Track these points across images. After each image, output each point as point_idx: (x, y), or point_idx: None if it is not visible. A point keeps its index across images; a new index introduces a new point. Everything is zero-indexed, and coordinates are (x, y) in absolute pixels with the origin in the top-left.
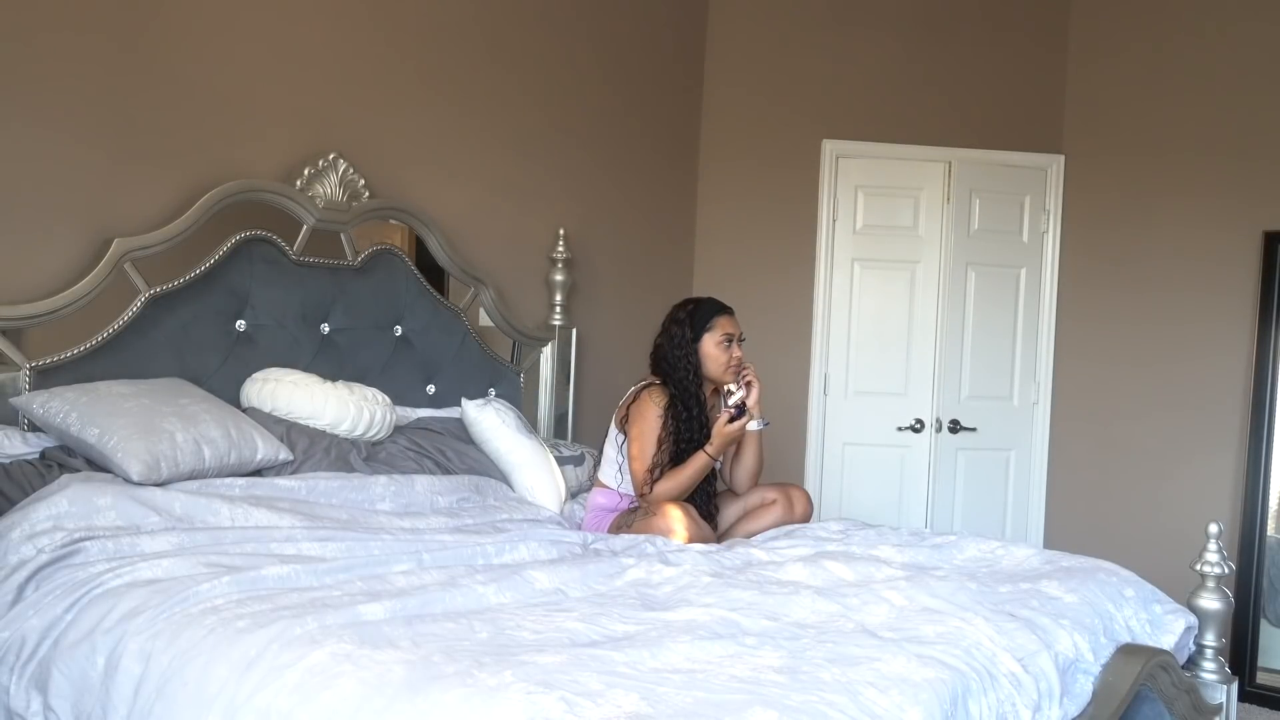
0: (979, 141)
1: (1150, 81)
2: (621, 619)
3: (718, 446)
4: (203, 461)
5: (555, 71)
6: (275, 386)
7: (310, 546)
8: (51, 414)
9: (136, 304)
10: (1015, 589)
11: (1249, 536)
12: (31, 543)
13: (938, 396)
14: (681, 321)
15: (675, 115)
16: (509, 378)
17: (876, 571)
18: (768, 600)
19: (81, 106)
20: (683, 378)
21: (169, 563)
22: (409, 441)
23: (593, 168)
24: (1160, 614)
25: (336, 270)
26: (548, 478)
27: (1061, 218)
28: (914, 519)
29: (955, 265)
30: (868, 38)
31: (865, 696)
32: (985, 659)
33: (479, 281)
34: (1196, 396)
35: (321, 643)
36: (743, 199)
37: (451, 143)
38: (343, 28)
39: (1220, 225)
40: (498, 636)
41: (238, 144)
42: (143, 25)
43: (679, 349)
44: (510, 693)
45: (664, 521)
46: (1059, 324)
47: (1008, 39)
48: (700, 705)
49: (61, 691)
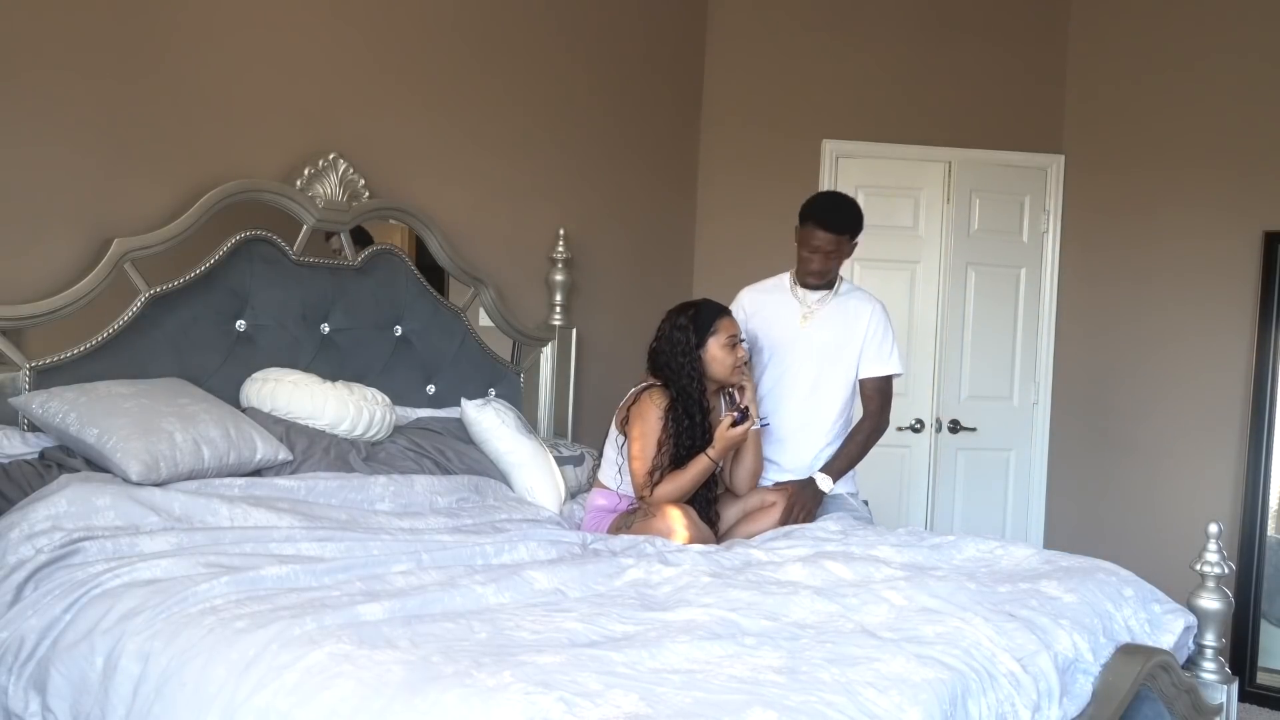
0: (979, 141)
1: (1150, 82)
2: (620, 619)
3: (719, 450)
4: (202, 461)
5: (556, 72)
6: (275, 386)
7: (309, 547)
8: (51, 414)
9: (136, 304)
10: (1014, 589)
11: (1249, 536)
12: (30, 543)
13: (938, 396)
14: (683, 327)
15: (675, 115)
16: (509, 378)
17: (876, 571)
18: (767, 600)
19: (82, 107)
20: (686, 384)
21: (168, 563)
22: (408, 441)
23: (593, 168)
24: (1159, 614)
25: (336, 270)
26: (547, 478)
27: (1061, 218)
28: (914, 519)
29: (955, 265)
30: (868, 38)
31: (864, 696)
32: (984, 659)
33: (479, 281)
34: (1196, 396)
35: (320, 643)
36: (743, 199)
37: (452, 143)
38: (343, 28)
39: (1220, 225)
40: (496, 637)
41: (238, 144)
42: (143, 26)
43: (683, 355)
44: (509, 693)
45: (664, 523)
46: (1059, 324)
47: (1008, 39)
48: (699, 705)
49: (60, 692)
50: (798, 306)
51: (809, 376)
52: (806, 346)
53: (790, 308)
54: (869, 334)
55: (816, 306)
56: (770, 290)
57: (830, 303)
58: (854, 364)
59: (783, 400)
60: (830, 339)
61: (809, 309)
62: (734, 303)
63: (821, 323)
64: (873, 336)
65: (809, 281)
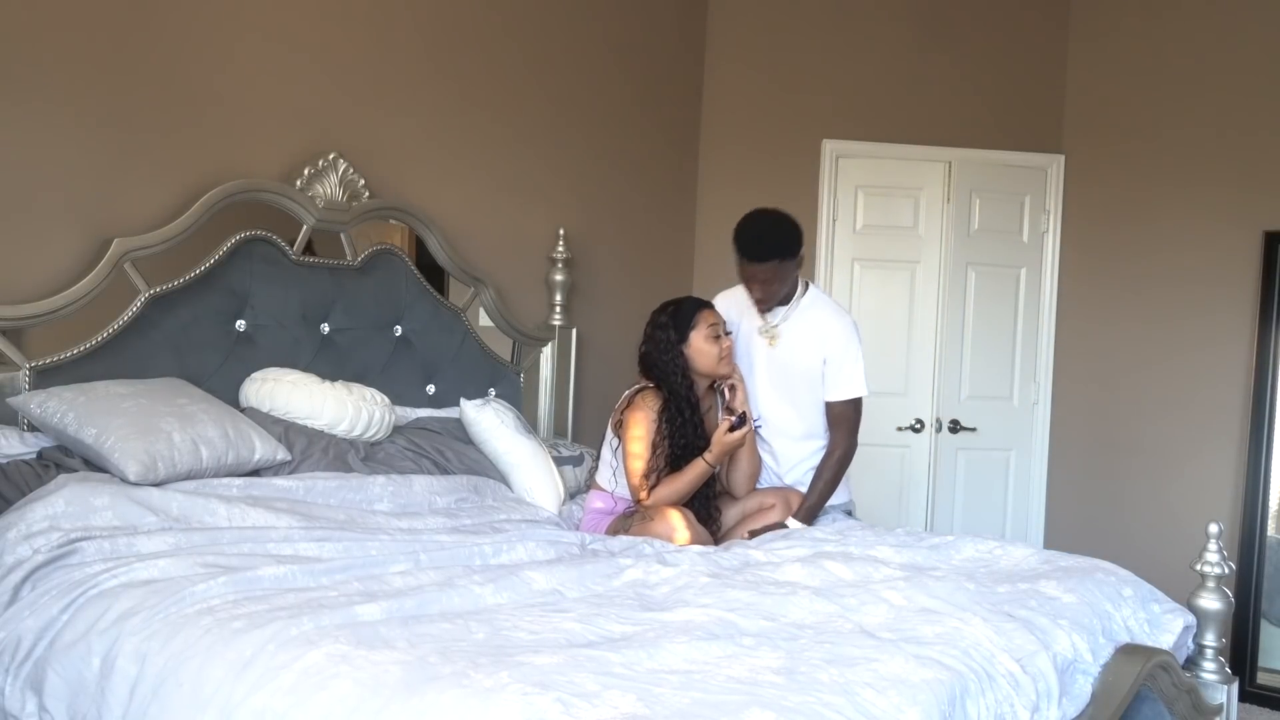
0: (979, 141)
1: (1150, 81)
2: (619, 620)
3: (716, 455)
4: (200, 461)
5: (556, 72)
6: (274, 386)
7: (307, 547)
8: (49, 414)
9: (136, 304)
10: (1013, 589)
11: (1249, 536)
12: (28, 543)
13: (938, 396)
14: (664, 325)
15: (675, 116)
16: (509, 378)
17: (874, 572)
18: (765, 601)
19: (82, 106)
20: (674, 382)
21: (165, 563)
22: (407, 441)
23: (593, 168)
24: (1159, 613)
25: (336, 270)
26: (546, 478)
27: (1061, 218)
28: (914, 519)
29: (955, 265)
30: (868, 37)
31: (863, 697)
32: (983, 659)
33: (479, 281)
34: (1196, 396)
35: (317, 643)
36: (743, 199)
37: (451, 142)
38: (343, 28)
39: (1220, 225)
40: (494, 637)
41: (238, 144)
42: (143, 25)
43: (666, 353)
44: (506, 694)
45: (663, 525)
46: (1059, 324)
47: (1008, 39)
48: (697, 706)
49: (57, 692)
50: (756, 322)
51: (769, 397)
52: (764, 367)
53: (751, 324)
54: (831, 355)
55: (779, 327)
56: (737, 301)
57: (792, 318)
58: (817, 384)
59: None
60: (796, 358)
61: (770, 331)
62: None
63: (786, 343)
64: (835, 358)
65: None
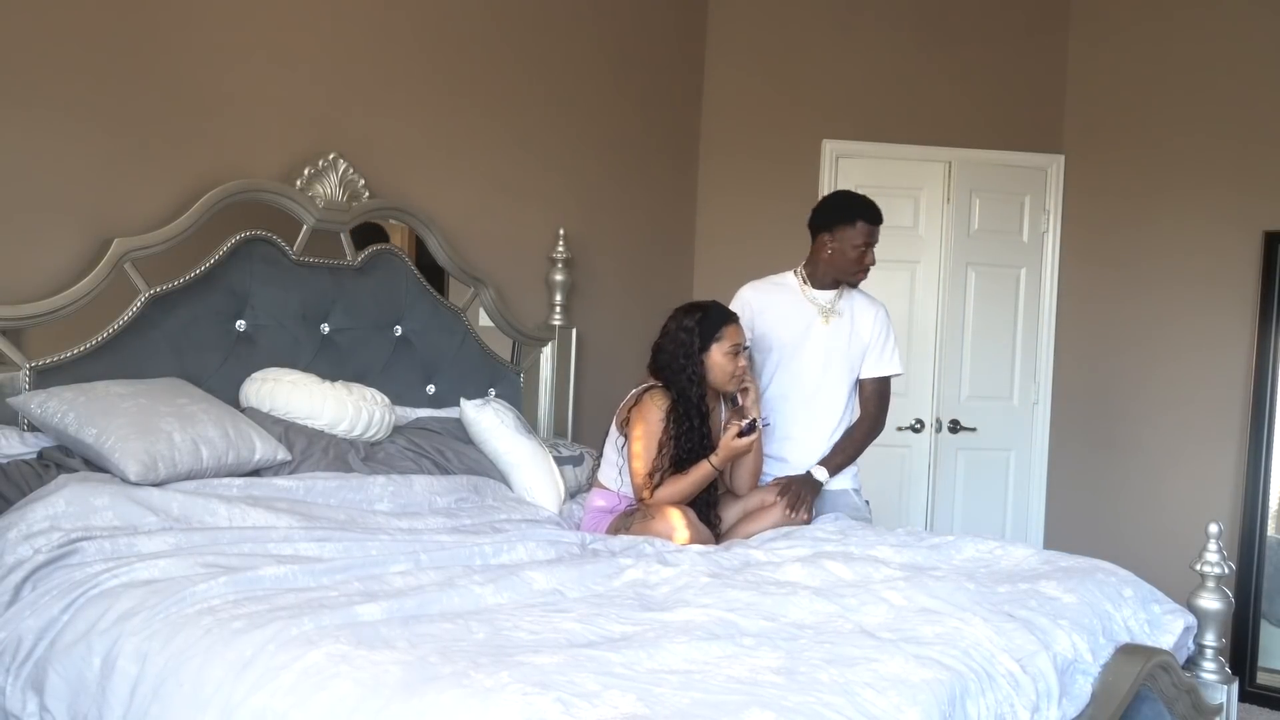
0: (979, 141)
1: (1150, 81)
2: (619, 619)
3: (722, 459)
4: (200, 461)
5: (556, 72)
6: (274, 386)
7: (307, 547)
8: (49, 414)
9: (136, 304)
10: (1013, 589)
11: (1249, 536)
12: (29, 543)
13: (938, 396)
14: (689, 329)
15: (675, 115)
16: (509, 378)
17: (875, 572)
18: (766, 601)
19: (82, 106)
20: (686, 387)
21: (166, 563)
22: (407, 441)
23: (593, 168)
24: (1159, 614)
25: (336, 270)
26: (546, 478)
27: (1061, 218)
28: (914, 519)
29: (955, 265)
30: (868, 38)
31: (863, 697)
32: (983, 659)
33: (479, 281)
34: (1196, 396)
35: (318, 643)
36: (743, 199)
37: (451, 143)
38: (343, 28)
39: (1220, 225)
40: (494, 637)
41: (238, 144)
42: (143, 25)
43: (685, 358)
44: (507, 694)
45: (664, 524)
46: (1059, 324)
47: (1008, 39)
48: (697, 706)
49: (57, 692)
50: (810, 307)
51: (816, 377)
52: (820, 347)
53: (801, 308)
54: (874, 335)
55: (835, 307)
56: (776, 288)
57: (840, 302)
58: (858, 364)
59: (790, 400)
60: (843, 340)
61: (828, 310)
62: (736, 299)
63: (839, 323)
64: (878, 338)
65: (852, 280)
